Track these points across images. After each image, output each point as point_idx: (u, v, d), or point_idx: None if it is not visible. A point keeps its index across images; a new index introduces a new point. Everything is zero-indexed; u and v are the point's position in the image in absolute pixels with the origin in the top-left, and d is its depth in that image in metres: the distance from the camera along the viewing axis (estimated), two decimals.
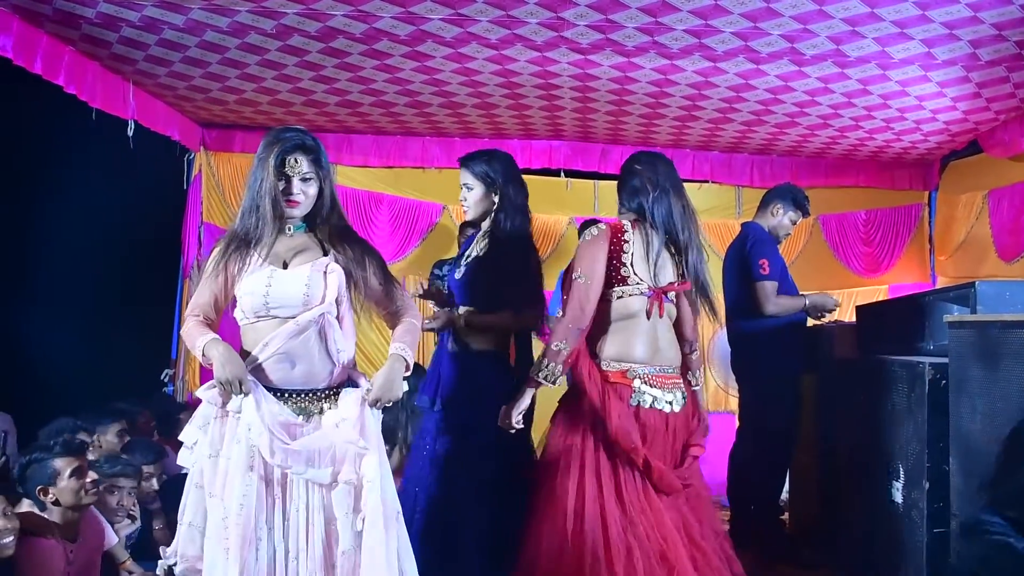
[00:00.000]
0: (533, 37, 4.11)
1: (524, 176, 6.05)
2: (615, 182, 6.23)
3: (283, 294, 2.30)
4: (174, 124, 5.41)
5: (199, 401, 2.38)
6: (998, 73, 4.31)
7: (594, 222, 3.02)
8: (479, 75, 4.68)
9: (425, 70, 4.62)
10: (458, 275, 3.17)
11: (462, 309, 3.12)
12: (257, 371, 2.29)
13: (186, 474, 4.06)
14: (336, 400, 2.34)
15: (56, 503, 2.89)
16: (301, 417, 2.30)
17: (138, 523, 3.59)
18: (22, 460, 2.92)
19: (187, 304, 5.83)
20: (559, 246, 6.15)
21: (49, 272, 4.97)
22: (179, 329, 5.77)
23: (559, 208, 6.23)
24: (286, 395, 2.30)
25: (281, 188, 2.34)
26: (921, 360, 3.03)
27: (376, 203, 6.05)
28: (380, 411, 2.41)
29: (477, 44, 4.22)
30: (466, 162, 3.31)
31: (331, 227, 2.43)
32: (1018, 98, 4.64)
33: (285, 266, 2.36)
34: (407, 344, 2.41)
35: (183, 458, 2.38)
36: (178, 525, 2.37)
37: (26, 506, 2.89)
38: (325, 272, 2.35)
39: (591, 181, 6.25)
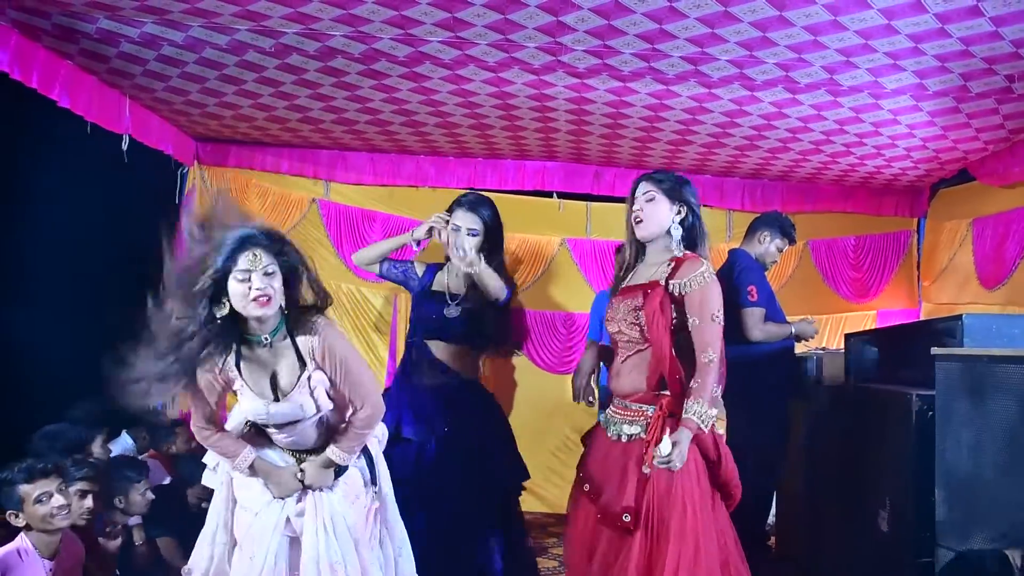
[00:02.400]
0: (531, 61, 4.16)
1: (517, 196, 6.23)
2: (607, 204, 6.34)
3: (282, 415, 2.47)
4: (169, 138, 5.43)
5: (190, 415, 2.54)
6: (988, 105, 4.38)
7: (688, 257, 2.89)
8: (475, 96, 4.73)
9: (422, 90, 4.66)
10: (451, 313, 3.30)
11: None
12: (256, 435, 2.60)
13: (167, 485, 4.09)
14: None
15: (28, 527, 2.88)
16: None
17: (119, 540, 3.58)
18: None
19: None
20: (550, 267, 6.19)
21: (40, 283, 4.96)
22: None
23: (551, 229, 6.27)
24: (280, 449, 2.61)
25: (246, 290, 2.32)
26: (908, 391, 3.07)
27: (369, 221, 6.07)
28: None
29: (475, 66, 4.27)
30: (475, 206, 3.36)
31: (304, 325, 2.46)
32: (1007, 129, 4.73)
33: (277, 397, 2.47)
34: (345, 450, 2.53)
35: (208, 479, 2.64)
36: (201, 545, 2.59)
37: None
38: (311, 388, 2.45)
39: (584, 203, 6.29)
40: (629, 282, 2.90)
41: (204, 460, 2.59)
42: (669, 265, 2.81)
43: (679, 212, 2.84)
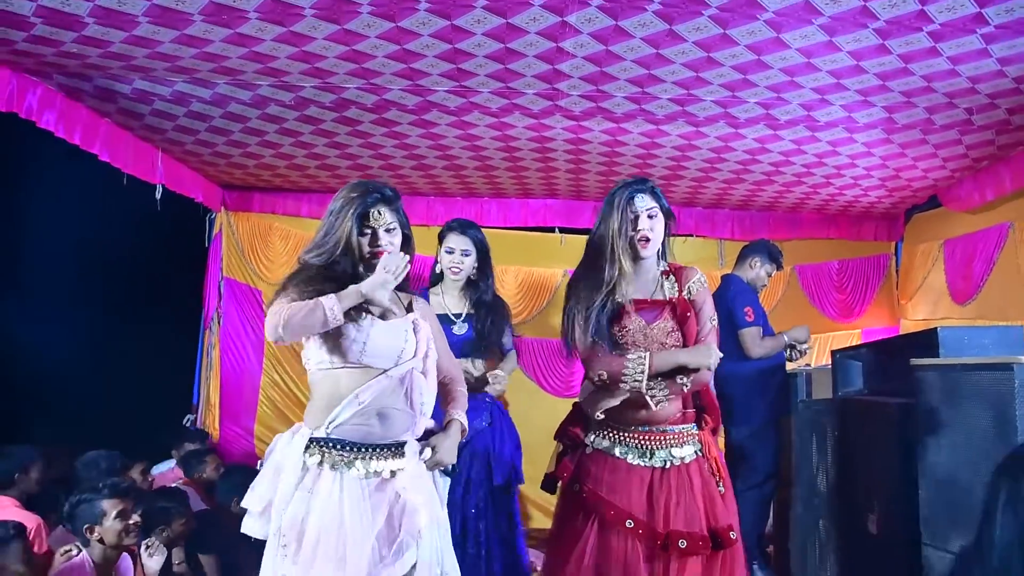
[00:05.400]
0: (530, 106, 4.26)
1: (522, 232, 6.31)
2: None
3: (381, 345, 2.19)
4: (198, 187, 5.55)
5: (219, 443, 2.39)
6: (952, 136, 4.47)
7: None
8: (480, 140, 4.83)
9: (430, 136, 4.77)
10: (459, 331, 3.38)
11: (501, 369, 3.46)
12: (339, 428, 2.16)
13: (205, 511, 4.06)
14: (402, 456, 2.18)
15: (100, 541, 2.92)
16: (371, 480, 2.15)
17: (161, 558, 3.60)
18: (72, 499, 2.96)
19: (207, 354, 5.88)
20: (554, 298, 6.25)
21: (80, 321, 5.07)
22: (200, 376, 5.84)
23: (554, 262, 6.34)
24: (363, 450, 2.15)
25: (367, 240, 2.23)
26: (891, 400, 3.11)
27: None
28: (446, 476, 2.33)
29: (479, 112, 4.37)
30: (464, 229, 3.47)
31: (406, 285, 2.37)
32: (970, 158, 4.81)
33: (383, 316, 2.26)
34: (464, 411, 2.37)
35: (249, 526, 2.18)
36: None
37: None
38: (415, 327, 2.28)
39: (584, 237, 6.34)
40: (629, 296, 2.62)
41: (245, 504, 2.16)
42: (669, 278, 2.68)
43: (667, 225, 2.67)
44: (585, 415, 2.67)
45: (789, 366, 4.45)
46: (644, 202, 2.61)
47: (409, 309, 2.34)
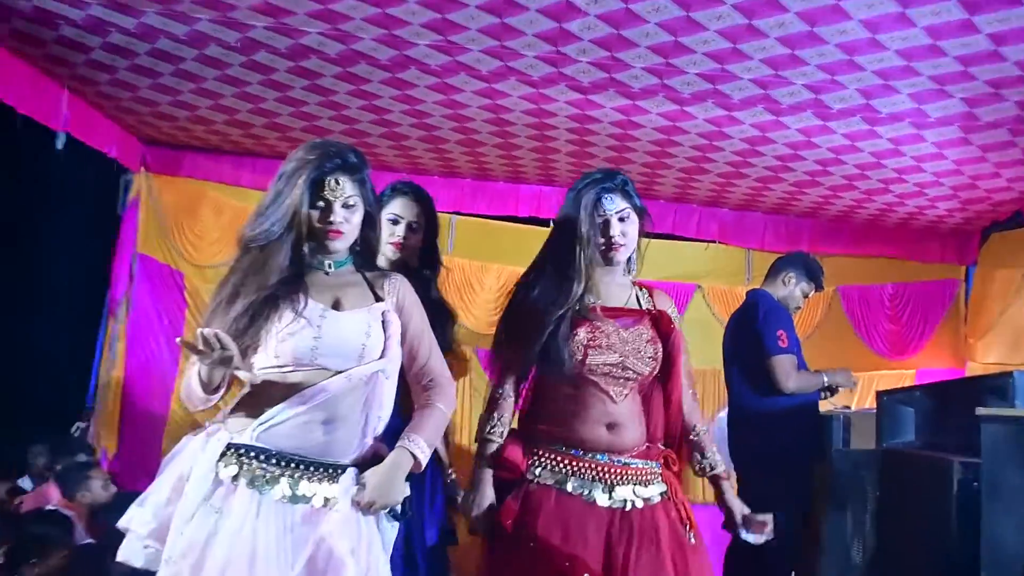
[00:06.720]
0: (529, 72, 4.25)
1: (511, 223, 6.26)
2: None
3: (337, 340, 2.11)
4: (112, 139, 5.48)
5: (116, 459, 2.34)
6: None
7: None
8: (466, 109, 4.82)
9: (406, 99, 4.75)
10: None
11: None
12: (269, 432, 2.07)
13: (86, 545, 3.97)
14: (339, 481, 2.10)
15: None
16: (297, 509, 2.06)
17: None
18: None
19: (109, 347, 5.82)
20: None
21: None
22: (98, 375, 5.76)
23: None
24: (293, 466, 2.07)
25: (319, 215, 2.13)
26: (949, 457, 3.09)
27: None
28: (392, 520, 2.23)
29: (466, 75, 4.35)
30: (417, 195, 3.08)
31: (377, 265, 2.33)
32: None
33: (337, 307, 2.17)
34: (424, 438, 2.20)
35: (129, 551, 2.07)
36: None
37: None
38: (385, 321, 2.19)
39: None
40: (597, 303, 2.63)
41: (126, 523, 2.04)
42: (642, 291, 2.74)
43: (641, 225, 2.69)
44: (525, 441, 2.64)
45: (822, 406, 4.44)
46: (614, 204, 2.63)
47: (380, 298, 2.23)
